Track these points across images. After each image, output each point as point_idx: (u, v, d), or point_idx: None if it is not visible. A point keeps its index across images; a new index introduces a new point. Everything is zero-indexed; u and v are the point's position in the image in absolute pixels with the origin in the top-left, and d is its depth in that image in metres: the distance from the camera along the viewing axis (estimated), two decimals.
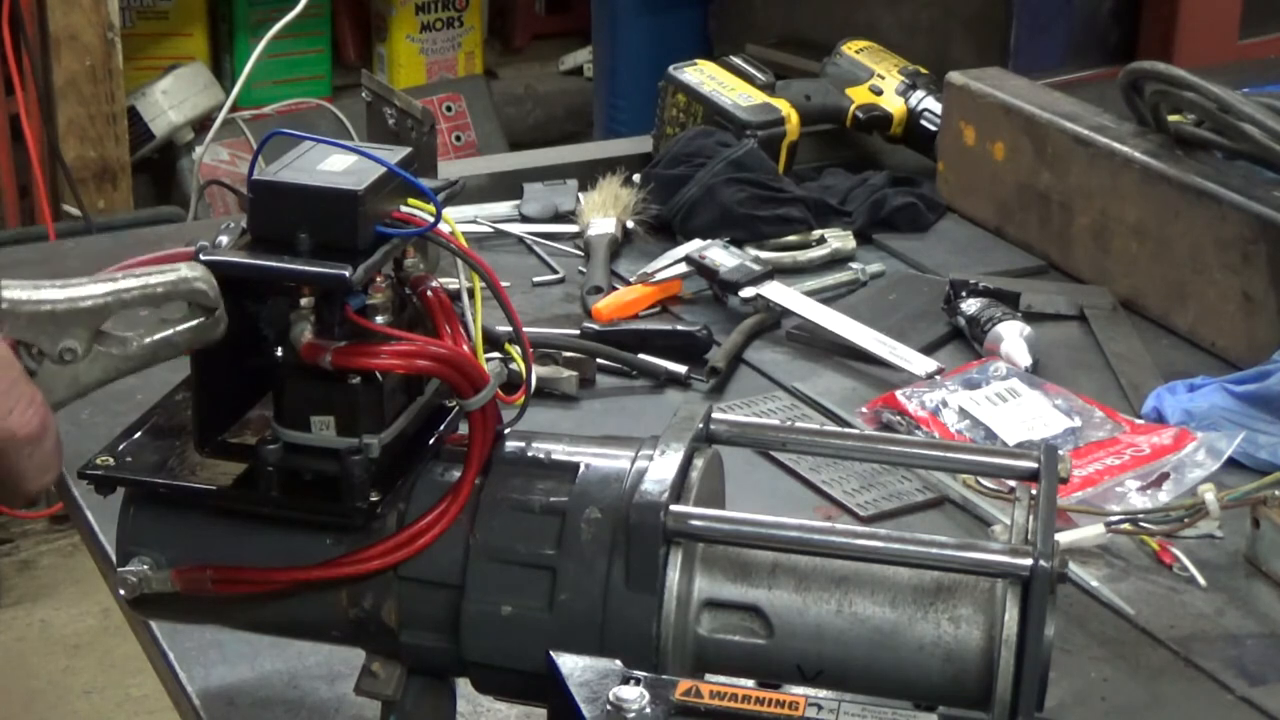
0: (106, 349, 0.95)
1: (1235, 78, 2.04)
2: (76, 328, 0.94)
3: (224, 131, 3.48)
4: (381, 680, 1.10)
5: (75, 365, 0.94)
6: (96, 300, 0.95)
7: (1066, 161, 1.91)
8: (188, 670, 1.26)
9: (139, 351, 0.97)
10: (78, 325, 0.94)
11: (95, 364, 0.95)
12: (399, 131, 1.84)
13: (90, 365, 0.95)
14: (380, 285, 1.04)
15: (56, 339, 0.94)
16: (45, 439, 0.93)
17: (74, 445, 1.05)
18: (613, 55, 3.83)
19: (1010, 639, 0.99)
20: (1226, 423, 1.54)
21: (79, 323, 0.94)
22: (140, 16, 3.92)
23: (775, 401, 1.65)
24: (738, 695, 0.96)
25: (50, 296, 0.93)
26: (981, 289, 1.77)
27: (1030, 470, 1.09)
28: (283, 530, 1.07)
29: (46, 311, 0.93)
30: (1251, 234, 1.70)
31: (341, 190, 1.01)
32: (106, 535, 1.35)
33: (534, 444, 1.10)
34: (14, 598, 3.39)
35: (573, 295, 1.87)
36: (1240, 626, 1.34)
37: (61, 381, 0.94)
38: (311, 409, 1.04)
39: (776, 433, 1.17)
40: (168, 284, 0.96)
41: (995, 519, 1.44)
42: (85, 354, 0.94)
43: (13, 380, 0.91)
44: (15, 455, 0.92)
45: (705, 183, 1.92)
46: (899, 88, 2.16)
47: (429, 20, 4.18)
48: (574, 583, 1.03)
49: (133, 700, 3.12)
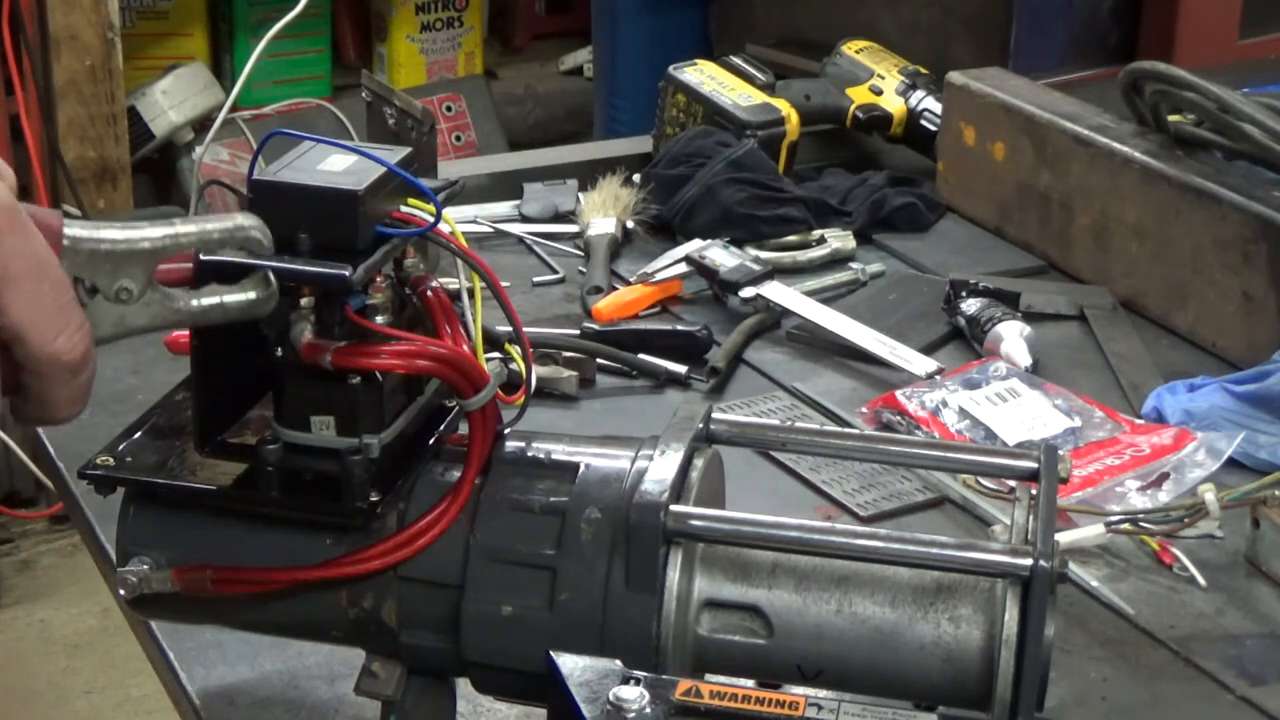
0: (160, 297, 0.98)
1: (1235, 78, 2.04)
2: (133, 268, 0.96)
3: (224, 131, 3.48)
4: (381, 680, 1.10)
5: (127, 305, 0.97)
6: (154, 242, 0.97)
7: (1066, 161, 1.91)
8: (188, 670, 1.26)
9: (190, 309, 0.99)
10: (135, 265, 0.96)
11: (146, 309, 0.97)
12: (399, 131, 1.84)
13: (141, 309, 0.97)
14: (380, 285, 1.04)
15: (114, 277, 0.96)
16: (84, 369, 0.95)
17: (74, 445, 1.05)
18: (613, 55, 3.83)
19: (1010, 639, 0.99)
20: (1226, 423, 1.54)
21: (136, 263, 0.96)
22: (140, 16, 3.92)
23: (775, 401, 1.65)
24: (738, 695, 0.96)
25: (110, 236, 0.96)
26: (981, 289, 1.77)
27: (1030, 470, 1.09)
28: (283, 530, 1.07)
29: (105, 250, 0.96)
30: (1251, 234, 1.70)
31: (341, 190, 1.01)
32: (106, 535, 1.35)
33: (534, 444, 1.10)
34: (14, 598, 3.39)
35: (573, 295, 1.87)
36: (1240, 626, 1.34)
37: (109, 318, 0.97)
38: (311, 409, 1.04)
39: (776, 433, 1.17)
40: (224, 231, 0.98)
41: (995, 519, 1.44)
42: (139, 296, 0.97)
43: (65, 303, 0.94)
44: (54, 379, 0.94)
45: (705, 183, 1.92)
46: (899, 88, 2.16)
47: (429, 20, 4.18)
48: (574, 583, 1.03)
49: (133, 700, 3.12)
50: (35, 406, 0.96)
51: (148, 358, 1.62)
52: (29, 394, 0.95)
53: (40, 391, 0.95)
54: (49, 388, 0.95)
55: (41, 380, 0.94)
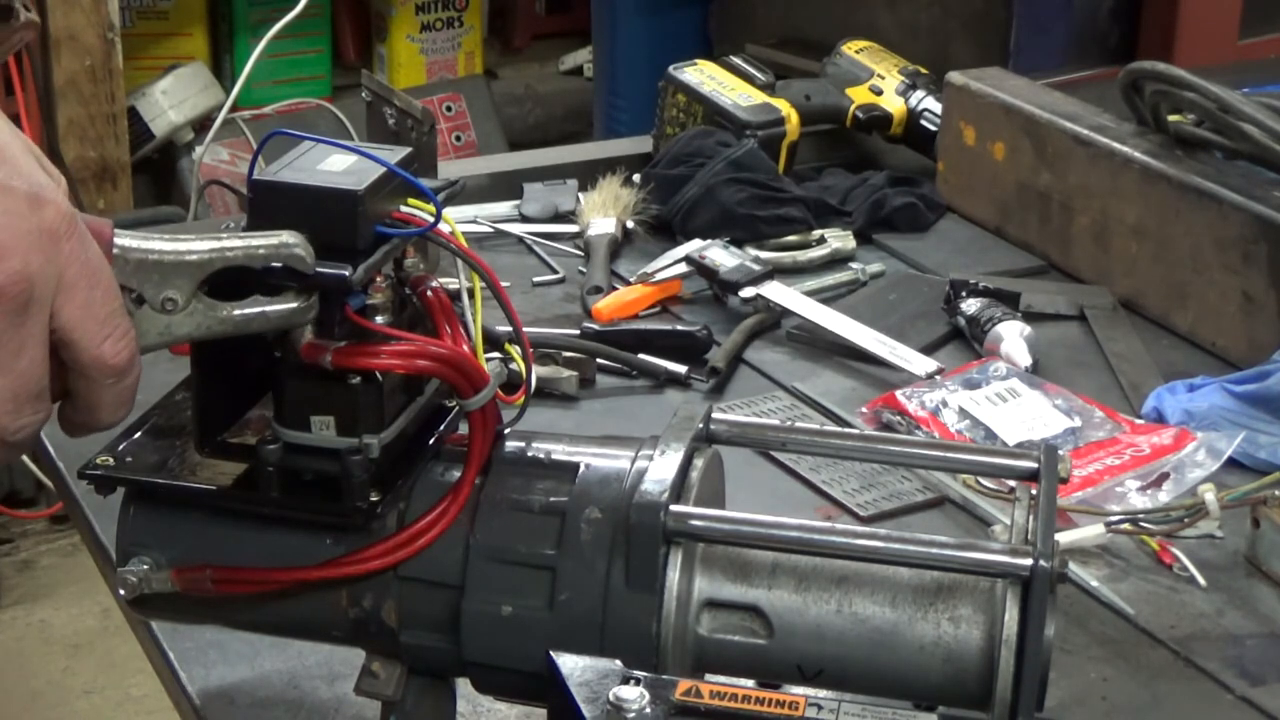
0: (204, 307, 0.99)
1: (1235, 78, 2.04)
2: (180, 279, 0.98)
3: (224, 131, 3.48)
4: (381, 680, 1.10)
5: (172, 315, 0.99)
6: (201, 255, 0.99)
7: (1066, 161, 1.91)
8: (188, 670, 1.26)
9: (233, 317, 1.00)
10: (181, 277, 0.98)
11: (190, 318, 0.99)
12: (399, 131, 1.84)
13: (185, 318, 0.99)
14: (380, 285, 1.04)
15: (160, 287, 0.98)
16: (130, 373, 0.98)
17: (74, 445, 1.05)
18: (613, 55, 3.83)
19: (1010, 639, 0.99)
20: (1226, 423, 1.54)
21: (183, 274, 0.98)
22: (140, 16, 3.92)
23: (775, 401, 1.65)
24: (738, 695, 0.96)
25: (158, 247, 0.98)
26: (981, 289, 1.77)
27: (1030, 470, 1.09)
28: (283, 530, 1.07)
29: (154, 260, 0.98)
30: (1251, 234, 1.70)
31: (341, 190, 1.01)
32: (106, 535, 1.35)
33: (534, 444, 1.10)
34: (14, 598, 3.39)
35: (573, 295, 1.87)
36: (1240, 626, 1.34)
37: (155, 327, 0.99)
38: (311, 409, 1.04)
39: (776, 433, 1.17)
40: (270, 248, 0.99)
41: (995, 519, 1.44)
42: (184, 307, 0.99)
43: (114, 309, 0.96)
44: (100, 384, 0.97)
45: (705, 183, 1.92)
46: (899, 88, 2.16)
47: (429, 20, 4.18)
48: (574, 583, 1.03)
49: (133, 700, 3.12)
50: (82, 412, 0.98)
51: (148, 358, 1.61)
52: (76, 400, 0.98)
53: (86, 395, 0.97)
54: (95, 391, 0.97)
55: (88, 384, 0.97)
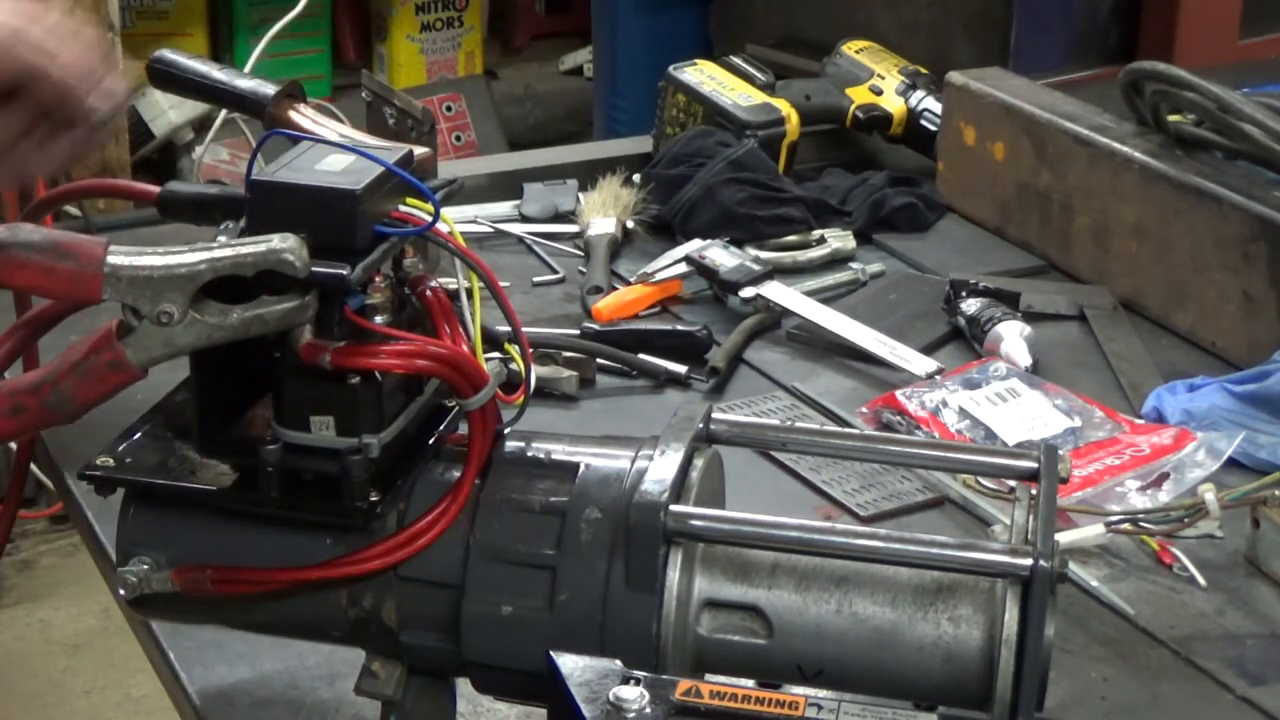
0: (202, 316, 1.01)
1: (1235, 78, 2.04)
2: (173, 292, 1.00)
3: (224, 131, 3.47)
4: (381, 680, 1.10)
5: (171, 328, 1.01)
6: (191, 267, 1.00)
7: (1066, 161, 1.91)
8: (188, 670, 1.26)
9: (232, 323, 1.01)
10: (174, 290, 1.00)
11: (190, 328, 1.01)
12: (399, 131, 1.84)
13: (186, 329, 1.01)
14: (379, 285, 1.04)
15: (155, 302, 1.00)
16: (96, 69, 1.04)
17: (74, 446, 1.05)
18: (613, 55, 3.83)
19: (1010, 639, 0.99)
20: (1226, 423, 1.54)
21: (175, 287, 1.00)
22: (140, 16, 3.92)
23: (775, 401, 1.65)
24: (738, 695, 0.96)
25: (149, 262, 1.00)
26: (981, 289, 1.77)
27: (1030, 470, 1.09)
28: (283, 530, 1.07)
29: (145, 276, 1.00)
30: (1251, 234, 1.70)
31: (340, 189, 1.01)
32: (106, 535, 1.35)
33: (534, 444, 1.10)
34: (14, 598, 3.39)
35: (573, 295, 1.87)
36: (1240, 626, 1.34)
37: (157, 340, 1.01)
38: (311, 409, 1.04)
39: (776, 433, 1.17)
40: (258, 254, 1.00)
41: (995, 519, 1.44)
42: (181, 318, 1.00)
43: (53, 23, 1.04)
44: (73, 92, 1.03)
45: (705, 183, 1.92)
46: (899, 88, 2.16)
47: (429, 20, 4.19)
48: (574, 583, 1.03)
49: (133, 700, 3.12)
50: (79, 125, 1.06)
51: None
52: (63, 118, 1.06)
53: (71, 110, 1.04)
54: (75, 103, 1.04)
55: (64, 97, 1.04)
